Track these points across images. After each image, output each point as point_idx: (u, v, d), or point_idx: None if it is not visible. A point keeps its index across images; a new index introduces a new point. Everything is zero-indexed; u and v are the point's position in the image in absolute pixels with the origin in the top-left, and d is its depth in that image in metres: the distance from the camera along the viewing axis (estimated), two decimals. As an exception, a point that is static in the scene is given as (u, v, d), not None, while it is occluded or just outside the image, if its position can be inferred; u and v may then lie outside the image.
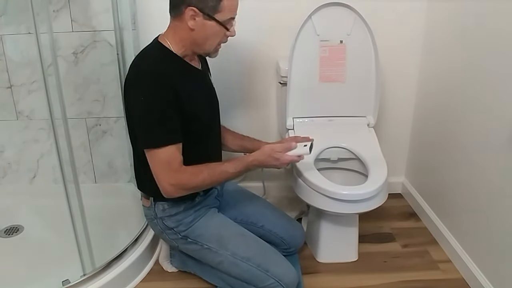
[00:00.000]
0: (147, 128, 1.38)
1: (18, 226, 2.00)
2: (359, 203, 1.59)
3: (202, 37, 1.42)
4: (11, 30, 1.95)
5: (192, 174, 1.41)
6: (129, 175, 2.24)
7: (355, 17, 1.82)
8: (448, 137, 1.88)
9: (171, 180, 1.39)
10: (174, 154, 1.38)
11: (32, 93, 2.07)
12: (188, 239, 1.57)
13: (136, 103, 1.38)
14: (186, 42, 1.43)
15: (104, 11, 1.94)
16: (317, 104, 1.93)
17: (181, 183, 1.40)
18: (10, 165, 2.21)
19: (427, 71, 2.08)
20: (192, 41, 1.43)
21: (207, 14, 1.37)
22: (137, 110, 1.39)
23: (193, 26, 1.38)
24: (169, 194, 1.42)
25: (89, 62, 2.03)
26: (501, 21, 1.50)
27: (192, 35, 1.41)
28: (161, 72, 1.38)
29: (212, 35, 1.42)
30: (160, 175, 1.40)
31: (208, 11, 1.36)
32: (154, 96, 1.35)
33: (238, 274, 1.52)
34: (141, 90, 1.37)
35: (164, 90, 1.36)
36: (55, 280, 1.51)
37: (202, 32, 1.40)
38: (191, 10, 1.35)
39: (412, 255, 1.89)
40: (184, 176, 1.40)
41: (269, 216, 1.75)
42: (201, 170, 1.42)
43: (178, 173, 1.39)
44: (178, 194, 1.43)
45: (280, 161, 1.47)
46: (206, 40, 1.43)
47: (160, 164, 1.38)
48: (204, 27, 1.39)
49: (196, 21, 1.37)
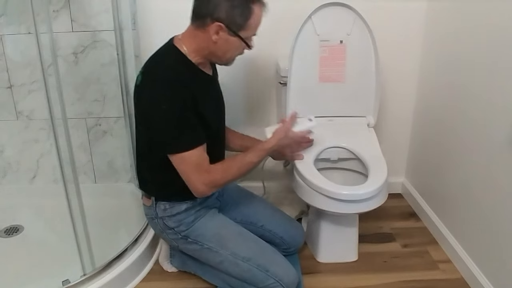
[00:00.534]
0: (173, 135, 1.38)
1: (18, 226, 1.99)
2: (359, 203, 1.59)
3: (222, 50, 1.43)
4: (11, 30, 1.95)
5: (224, 171, 1.45)
6: (129, 175, 2.24)
7: (355, 17, 1.82)
8: (448, 137, 1.88)
9: (205, 180, 1.42)
10: (202, 155, 1.41)
11: (32, 93, 2.07)
12: (189, 239, 1.57)
13: (156, 111, 1.37)
14: (204, 51, 1.44)
15: (104, 11, 1.94)
16: (317, 104, 1.93)
17: (214, 181, 1.43)
18: (10, 165, 2.21)
19: (427, 71, 2.08)
20: (210, 52, 1.44)
21: (233, 31, 1.38)
22: (158, 119, 1.38)
23: (216, 40, 1.39)
24: (203, 193, 1.45)
25: (89, 62, 2.03)
26: (501, 21, 1.50)
27: (212, 47, 1.41)
28: (178, 79, 1.38)
29: (232, 49, 1.45)
30: (192, 177, 1.41)
31: (234, 28, 1.37)
32: (175, 103, 1.36)
33: (238, 274, 1.52)
34: (160, 98, 1.36)
35: (183, 96, 1.37)
36: (55, 280, 1.50)
37: (224, 46, 1.42)
38: (218, 26, 1.36)
39: (412, 255, 1.89)
40: (216, 175, 1.43)
41: (269, 216, 1.75)
42: (231, 166, 1.47)
43: (210, 172, 1.42)
44: (211, 192, 1.48)
45: (295, 139, 1.54)
46: (225, 53, 1.45)
47: (191, 167, 1.40)
48: (226, 42, 1.40)
49: (219, 36, 1.38)
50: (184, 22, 1.95)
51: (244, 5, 1.35)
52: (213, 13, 1.35)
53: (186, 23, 1.95)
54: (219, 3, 1.33)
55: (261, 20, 1.43)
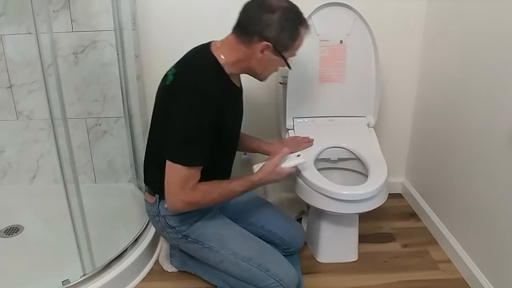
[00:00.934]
0: (182, 144, 1.38)
1: (18, 226, 1.99)
2: (359, 203, 1.59)
3: (262, 67, 1.45)
4: (11, 30, 1.95)
5: (205, 193, 1.43)
6: (129, 175, 2.24)
7: (355, 17, 1.82)
8: (448, 137, 1.88)
9: (184, 198, 1.40)
10: (195, 174, 1.40)
11: (32, 93, 2.06)
12: (189, 238, 1.57)
13: (179, 116, 1.37)
14: (242, 65, 1.44)
15: (104, 11, 1.93)
16: (317, 104, 1.93)
17: (193, 200, 1.42)
18: (10, 165, 2.21)
19: (427, 71, 2.08)
20: (249, 67, 1.44)
21: (278, 51, 1.39)
22: (177, 121, 1.37)
23: (260, 58, 1.40)
24: (177, 209, 1.45)
25: (89, 62, 2.02)
26: (501, 20, 1.50)
27: (253, 63, 1.42)
28: (213, 95, 1.37)
29: (272, 68, 1.47)
30: (173, 190, 1.40)
31: (280, 48, 1.39)
32: (200, 117, 1.35)
33: (239, 273, 1.52)
34: (190, 107, 1.36)
35: (210, 112, 1.36)
36: (55, 280, 1.50)
37: (265, 64, 1.43)
38: (265, 45, 1.37)
39: (412, 255, 1.89)
40: (197, 195, 1.41)
41: (269, 216, 1.75)
42: (213, 190, 1.45)
43: (193, 191, 1.40)
44: (185, 210, 1.48)
45: (282, 175, 1.51)
46: (264, 71, 1.47)
47: (178, 180, 1.39)
48: (269, 61, 1.42)
49: (264, 54, 1.39)
50: (184, 22, 1.97)
51: (293, 27, 1.38)
52: (262, 32, 1.36)
53: (186, 23, 1.97)
54: (270, 23, 1.34)
55: (303, 42, 1.45)
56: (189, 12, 1.96)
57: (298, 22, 1.39)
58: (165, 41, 2.00)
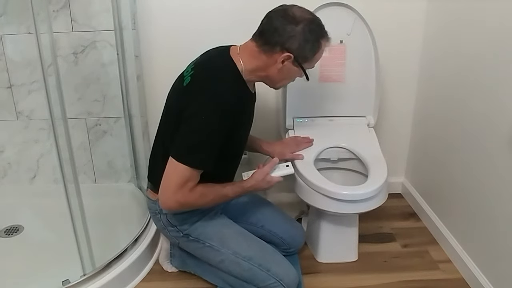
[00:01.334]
0: (190, 145, 1.37)
1: (18, 226, 1.99)
2: (359, 203, 1.59)
3: (281, 77, 1.46)
4: (11, 30, 1.95)
5: (201, 195, 1.42)
6: (129, 175, 2.24)
7: (355, 17, 1.82)
8: (448, 137, 1.88)
9: (180, 198, 1.39)
10: (196, 176, 1.40)
11: (32, 93, 2.06)
12: (190, 237, 1.57)
13: (193, 117, 1.36)
14: (261, 73, 1.45)
15: (104, 11, 1.93)
16: (317, 104, 1.93)
17: (188, 202, 1.42)
18: (10, 165, 2.21)
19: (427, 71, 2.08)
20: (267, 75, 1.45)
21: (298, 62, 1.40)
22: (190, 123, 1.37)
23: (281, 68, 1.41)
24: (170, 208, 1.45)
25: (89, 62, 2.02)
26: (501, 20, 1.50)
27: (272, 72, 1.43)
28: (229, 102, 1.37)
29: (290, 78, 1.49)
30: (171, 189, 1.39)
31: (301, 59, 1.40)
32: (213, 122, 1.35)
33: (239, 273, 1.52)
34: (205, 111, 1.35)
35: (225, 119, 1.36)
36: (55, 280, 1.50)
37: (284, 74, 1.44)
38: (287, 56, 1.37)
39: (412, 255, 1.89)
40: (193, 197, 1.41)
41: (269, 216, 1.75)
42: (208, 193, 1.44)
43: (190, 192, 1.40)
44: (177, 210, 1.48)
45: (270, 184, 1.53)
46: (282, 80, 1.48)
47: (179, 180, 1.37)
48: (289, 71, 1.43)
49: (284, 65, 1.40)
50: (184, 22, 1.97)
51: (315, 40, 1.39)
52: (285, 43, 1.36)
53: (186, 23, 1.97)
54: (294, 35, 1.35)
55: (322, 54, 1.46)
56: (189, 12, 1.96)
57: (320, 34, 1.40)
58: (165, 41, 2.00)
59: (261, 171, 1.53)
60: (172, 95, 1.50)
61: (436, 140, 2.00)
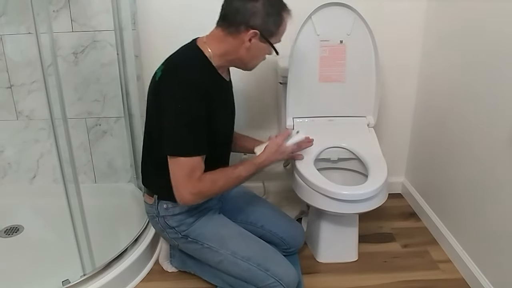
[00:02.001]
0: (177, 136, 1.38)
1: (18, 226, 1.99)
2: (359, 203, 1.59)
3: (251, 56, 1.46)
4: (11, 30, 1.95)
5: (211, 182, 1.43)
6: (129, 175, 2.24)
7: (355, 17, 1.82)
8: (448, 137, 1.88)
9: (192, 190, 1.40)
10: (198, 164, 1.40)
11: (32, 93, 2.06)
12: (189, 238, 1.57)
13: (170, 109, 1.37)
14: (230, 57, 1.45)
15: (104, 11, 1.93)
16: (317, 104, 1.93)
17: (201, 191, 1.42)
18: (10, 165, 2.21)
19: (427, 71, 2.08)
20: (238, 57, 1.45)
21: (265, 38, 1.41)
22: (170, 116, 1.38)
23: (249, 47, 1.41)
24: (187, 202, 1.44)
25: (89, 62, 2.02)
26: (501, 20, 1.50)
27: (242, 53, 1.43)
28: (200, 85, 1.38)
29: (260, 56, 1.49)
30: (181, 184, 1.40)
31: (266, 34, 1.41)
32: (190, 107, 1.36)
33: (238, 273, 1.52)
34: (178, 98, 1.37)
35: (200, 102, 1.37)
36: (55, 280, 1.50)
37: (254, 53, 1.44)
38: (253, 33, 1.38)
39: (412, 255, 1.89)
40: (204, 185, 1.41)
41: (269, 216, 1.75)
42: (219, 178, 1.45)
43: (199, 182, 1.40)
44: (196, 202, 1.47)
45: (286, 153, 1.56)
46: (252, 60, 1.48)
47: (183, 172, 1.39)
48: (257, 49, 1.43)
49: (252, 43, 1.41)
50: (184, 22, 1.97)
51: (277, 13, 1.40)
52: (248, 21, 1.37)
53: (186, 23, 1.97)
54: (255, 11, 1.36)
55: (286, 27, 1.47)
56: (189, 12, 1.96)
57: (281, 7, 1.42)
58: (165, 41, 1.99)
59: (273, 142, 1.55)
60: (149, 95, 1.51)
61: (436, 140, 2.00)
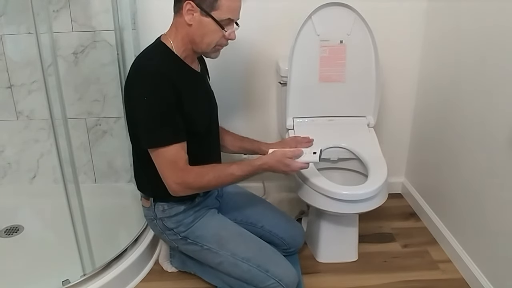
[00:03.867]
0: (151, 127, 1.38)
1: (18, 226, 1.99)
2: (359, 203, 1.59)
3: (199, 34, 1.42)
4: (11, 30, 1.95)
5: (198, 174, 1.41)
6: (129, 175, 2.24)
7: (355, 17, 1.82)
8: (448, 137, 1.88)
9: (176, 179, 1.39)
10: (179, 153, 1.39)
11: (32, 93, 2.06)
12: (188, 239, 1.57)
13: (138, 103, 1.38)
14: (185, 39, 1.44)
15: (104, 11, 1.94)
16: (317, 104, 1.93)
17: (186, 182, 1.40)
18: (10, 165, 2.21)
19: (427, 71, 2.08)
20: (190, 38, 1.43)
21: (204, 10, 1.37)
22: (139, 110, 1.38)
23: (190, 21, 1.39)
24: (175, 192, 1.43)
25: (89, 62, 2.02)
26: (501, 20, 1.49)
27: (190, 31, 1.41)
28: (163, 73, 1.37)
29: (209, 33, 1.42)
30: (165, 174, 1.40)
31: (205, 7, 1.37)
32: (157, 96, 1.35)
33: (238, 274, 1.52)
34: (143, 90, 1.37)
35: (166, 90, 1.36)
36: (55, 280, 1.50)
37: (199, 29, 1.40)
38: (188, 4, 1.36)
39: (412, 255, 1.89)
40: (189, 176, 1.40)
41: (269, 216, 1.74)
42: (207, 172, 1.42)
43: (184, 172, 1.39)
44: (184, 193, 1.44)
45: (290, 168, 1.45)
46: (202, 38, 1.42)
47: (166, 162, 1.39)
48: (200, 24, 1.39)
49: (193, 17, 1.38)
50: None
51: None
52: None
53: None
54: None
55: (237, 3, 1.42)
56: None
57: None
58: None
59: (282, 151, 1.47)
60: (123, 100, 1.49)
61: (436, 140, 2.00)
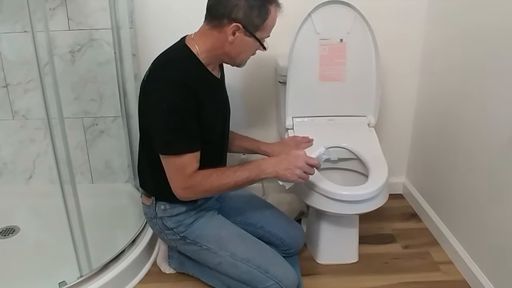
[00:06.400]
0: (167, 137, 1.38)
1: (14, 227, 1.98)
2: (360, 203, 1.58)
3: (237, 51, 1.43)
4: (7, 28, 1.94)
5: (204, 179, 1.41)
6: (126, 175, 2.22)
7: (355, 16, 1.81)
8: (449, 137, 1.87)
9: (183, 185, 1.41)
10: (190, 162, 1.39)
11: (28, 92, 2.05)
12: (187, 239, 1.56)
13: (157, 109, 1.37)
14: (217, 52, 1.43)
15: (101, 9, 1.92)
16: (317, 103, 1.92)
17: (191, 186, 1.41)
18: (6, 165, 2.20)
19: (428, 70, 2.07)
20: (224, 52, 1.43)
21: (249, 31, 1.38)
22: (158, 117, 1.37)
23: (232, 41, 1.39)
24: (181, 197, 1.44)
25: (86, 61, 2.01)
26: (501, 20, 1.49)
27: (227, 47, 1.41)
28: (186, 83, 1.36)
29: (247, 50, 1.45)
30: (173, 180, 1.41)
31: (251, 28, 1.38)
32: (177, 106, 1.35)
33: (237, 275, 1.51)
34: (165, 97, 1.35)
35: (188, 101, 1.36)
36: (51, 282, 1.49)
37: (239, 47, 1.41)
38: (235, 26, 1.36)
39: (413, 256, 1.88)
40: (195, 181, 1.40)
41: (268, 217, 1.74)
42: (212, 175, 1.42)
43: (189, 178, 1.40)
44: (190, 197, 1.46)
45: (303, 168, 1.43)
46: (239, 54, 1.45)
47: (175, 170, 1.40)
48: (242, 43, 1.40)
49: (236, 36, 1.38)
50: (182, 20, 1.95)
51: (261, 6, 1.36)
52: (230, 14, 1.35)
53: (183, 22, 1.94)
54: (237, 3, 1.34)
55: (275, 21, 1.44)
56: (187, 10, 1.94)
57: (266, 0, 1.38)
58: (162, 40, 1.96)
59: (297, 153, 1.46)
60: (139, 96, 1.49)
61: (437, 140, 1.99)
